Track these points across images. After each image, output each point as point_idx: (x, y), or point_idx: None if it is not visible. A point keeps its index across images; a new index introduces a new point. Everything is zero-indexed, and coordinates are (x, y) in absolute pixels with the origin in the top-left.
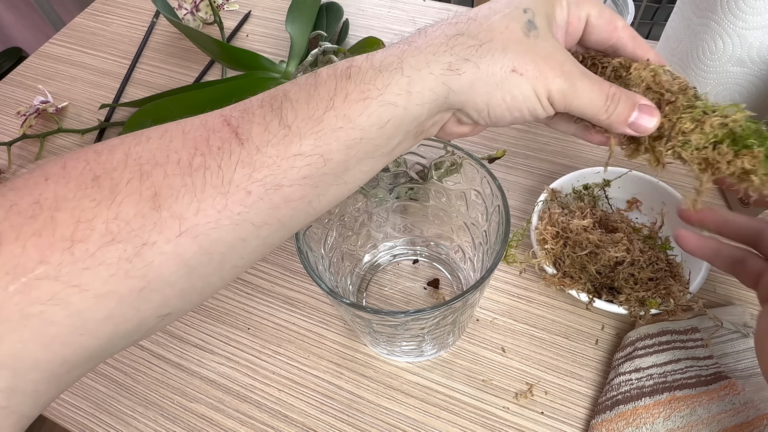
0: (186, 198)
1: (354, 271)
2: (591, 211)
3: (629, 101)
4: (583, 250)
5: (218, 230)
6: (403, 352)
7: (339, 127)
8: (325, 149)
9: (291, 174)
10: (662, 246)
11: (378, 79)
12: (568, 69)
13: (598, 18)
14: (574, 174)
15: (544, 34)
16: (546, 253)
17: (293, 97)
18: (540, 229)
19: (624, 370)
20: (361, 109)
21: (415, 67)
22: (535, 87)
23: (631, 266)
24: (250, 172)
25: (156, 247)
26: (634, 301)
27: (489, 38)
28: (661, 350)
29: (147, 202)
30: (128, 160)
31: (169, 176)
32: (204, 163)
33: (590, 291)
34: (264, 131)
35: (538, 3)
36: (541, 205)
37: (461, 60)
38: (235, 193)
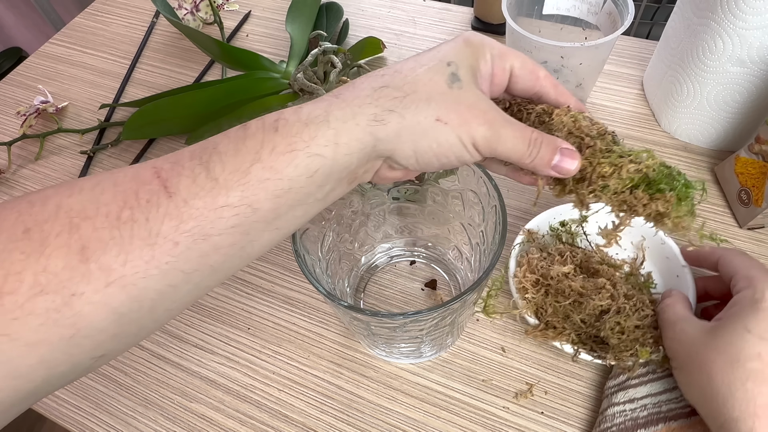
0: (114, 250)
1: (351, 273)
2: (571, 254)
3: (551, 145)
4: (566, 299)
5: (147, 279)
6: (401, 354)
7: (266, 179)
8: (253, 199)
9: (219, 224)
10: (645, 284)
11: (305, 132)
12: (492, 117)
13: (521, 69)
14: (550, 211)
15: (468, 85)
16: (527, 302)
17: (222, 150)
18: (519, 277)
19: (618, 400)
20: (288, 161)
21: (341, 119)
22: (460, 135)
23: (617, 314)
24: (177, 224)
25: (84, 298)
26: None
27: (413, 89)
28: (656, 379)
29: (75, 255)
30: (59, 212)
31: (98, 229)
32: (132, 216)
33: (575, 341)
34: (192, 184)
35: (462, 56)
36: (518, 248)
37: (386, 111)
38: (162, 245)
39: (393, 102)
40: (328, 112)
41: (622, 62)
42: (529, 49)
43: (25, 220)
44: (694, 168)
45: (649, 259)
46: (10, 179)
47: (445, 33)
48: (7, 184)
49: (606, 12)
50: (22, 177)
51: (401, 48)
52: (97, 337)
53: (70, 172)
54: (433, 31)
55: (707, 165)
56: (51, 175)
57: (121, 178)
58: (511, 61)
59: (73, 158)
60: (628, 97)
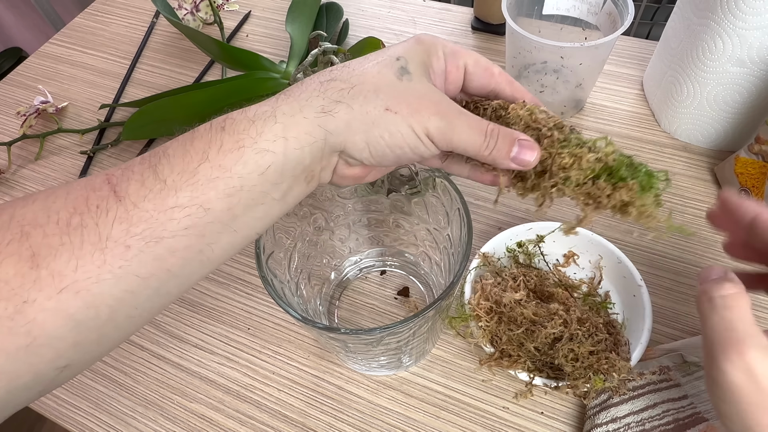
0: (64, 256)
1: (322, 290)
2: (525, 279)
3: (508, 137)
4: (519, 327)
5: (100, 284)
6: (381, 366)
7: (215, 177)
8: (203, 199)
9: (171, 226)
10: (603, 304)
11: (251, 128)
12: (444, 108)
13: (475, 66)
14: (507, 233)
15: (418, 78)
16: (482, 330)
17: (170, 153)
18: (473, 304)
19: (600, 421)
20: (236, 158)
21: (288, 113)
22: (412, 125)
23: (570, 341)
24: (127, 227)
25: (37, 304)
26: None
27: (360, 81)
28: (636, 396)
29: (26, 262)
30: (12, 221)
31: (48, 236)
32: (81, 221)
33: (531, 369)
34: (141, 187)
35: (412, 53)
36: (474, 273)
37: (333, 102)
38: (113, 248)
39: (340, 93)
40: (275, 107)
41: (622, 62)
42: (529, 49)
43: None
44: (694, 168)
45: (606, 278)
46: (10, 179)
47: (445, 33)
48: (7, 184)
49: (606, 12)
50: (22, 177)
51: None
52: (56, 345)
53: (70, 172)
54: (433, 31)
55: (707, 165)
56: (51, 175)
57: (74, 187)
58: (465, 59)
59: (73, 158)
60: (628, 97)
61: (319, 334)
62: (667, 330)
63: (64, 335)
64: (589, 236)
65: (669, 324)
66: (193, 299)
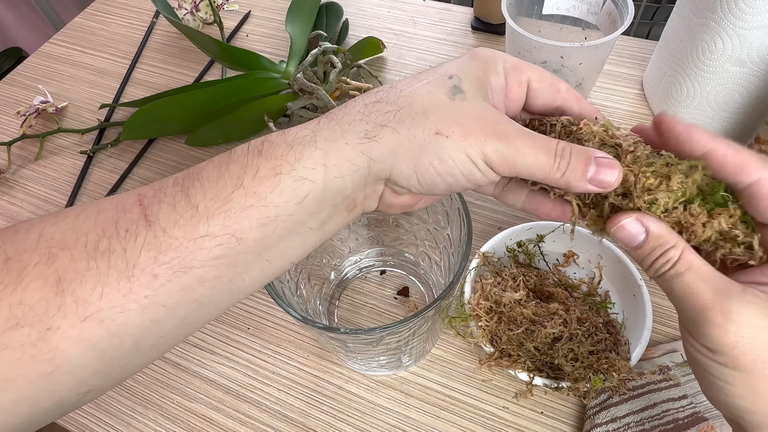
0: (90, 282)
1: (322, 290)
2: (524, 279)
3: (582, 155)
4: (519, 327)
5: (125, 314)
6: (380, 366)
7: (249, 205)
8: (236, 228)
9: (201, 255)
10: (603, 304)
11: (290, 154)
12: (503, 128)
13: (539, 82)
14: (506, 232)
15: (473, 96)
16: (482, 330)
17: (204, 176)
18: (473, 304)
19: (600, 420)
20: (272, 186)
21: (329, 138)
22: (466, 150)
23: (569, 341)
24: (155, 254)
25: (60, 332)
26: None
27: (408, 102)
28: (636, 396)
29: (52, 287)
30: (40, 240)
31: (75, 260)
32: (110, 246)
33: (530, 369)
34: (172, 212)
35: (467, 69)
36: (474, 272)
37: (378, 126)
38: (140, 277)
39: (385, 116)
40: (316, 131)
41: (622, 62)
42: (529, 49)
43: (7, 249)
44: None
45: (606, 278)
46: (10, 179)
47: (445, 33)
48: (7, 184)
49: (606, 12)
50: (22, 177)
51: (401, 48)
52: (79, 373)
53: (70, 172)
54: (433, 31)
55: None
56: (51, 175)
57: (106, 205)
58: (528, 74)
59: (73, 158)
60: (628, 97)
61: (318, 333)
62: (667, 330)
63: (87, 363)
64: (588, 236)
65: (669, 324)
66: None
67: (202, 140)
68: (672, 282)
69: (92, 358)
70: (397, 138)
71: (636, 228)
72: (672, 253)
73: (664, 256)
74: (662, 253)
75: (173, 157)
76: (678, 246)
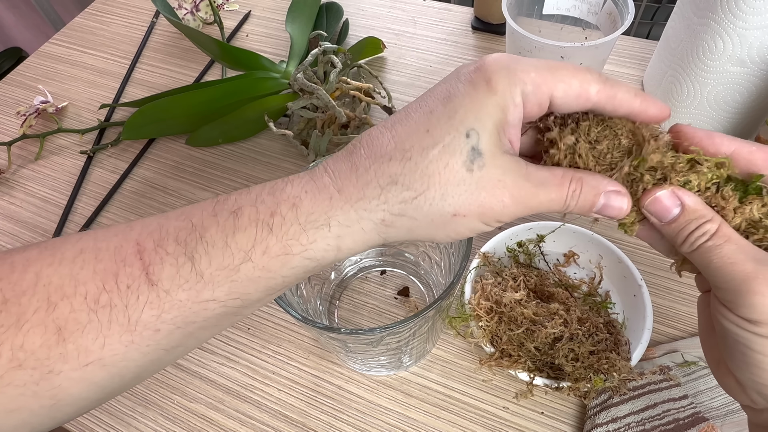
0: (92, 334)
1: (322, 290)
2: (525, 279)
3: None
4: (519, 327)
5: (126, 361)
6: (381, 366)
7: (257, 277)
8: (242, 293)
9: (204, 314)
10: (603, 305)
11: (302, 236)
12: (521, 194)
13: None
14: (507, 232)
15: (491, 158)
16: (483, 330)
17: (209, 240)
18: (473, 304)
19: (600, 420)
20: (282, 263)
21: (344, 223)
22: (483, 220)
23: (570, 341)
24: (158, 313)
25: (63, 375)
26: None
27: (425, 187)
28: (636, 396)
29: (53, 335)
30: (38, 284)
31: (76, 311)
32: (110, 301)
33: (531, 369)
34: (176, 274)
35: (484, 117)
36: (474, 272)
37: (395, 216)
38: (142, 332)
39: (403, 206)
40: (330, 215)
41: (622, 62)
42: (529, 48)
43: (4, 288)
44: None
45: (606, 278)
46: (10, 179)
47: (445, 33)
48: (7, 184)
49: (606, 12)
50: (22, 177)
51: (401, 48)
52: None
53: (70, 172)
54: (433, 31)
55: None
56: (51, 175)
57: (103, 252)
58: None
59: (73, 158)
60: None
61: (319, 333)
62: (667, 330)
63: (88, 396)
64: (589, 236)
65: (669, 324)
66: None
67: (202, 140)
68: (710, 254)
69: (93, 392)
70: (415, 222)
71: (671, 201)
72: (709, 226)
73: (700, 229)
74: (698, 225)
75: (173, 157)
76: (715, 220)
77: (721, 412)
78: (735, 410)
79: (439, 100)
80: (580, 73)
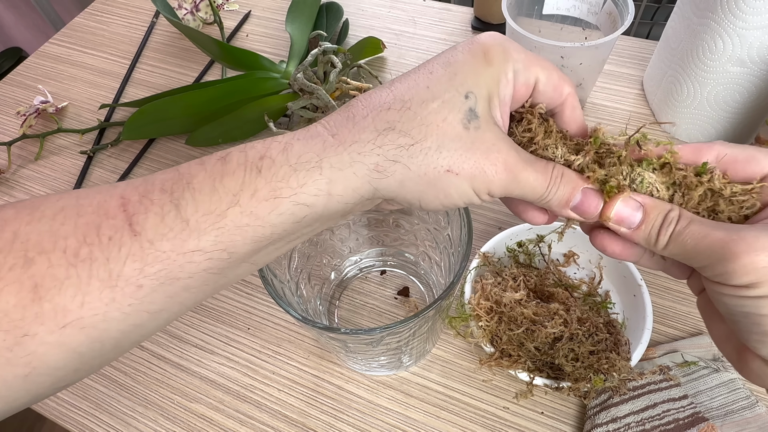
0: (70, 290)
1: (322, 290)
2: (525, 279)
3: (571, 183)
4: (519, 327)
5: (107, 322)
6: (381, 366)
7: (245, 224)
8: (229, 244)
9: (189, 268)
10: (603, 305)
11: (292, 178)
12: (512, 162)
13: (546, 85)
14: (507, 232)
15: (486, 122)
16: (483, 330)
17: (196, 186)
18: (473, 304)
19: (600, 421)
20: (271, 208)
21: (336, 166)
22: (474, 185)
23: (570, 341)
24: (141, 266)
25: (38, 338)
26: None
27: (423, 135)
28: (636, 396)
29: (28, 293)
30: (15, 241)
31: (54, 266)
32: (91, 254)
33: (531, 369)
34: (160, 223)
35: (482, 83)
36: (474, 272)
37: (390, 161)
38: (124, 287)
39: (398, 151)
40: (322, 157)
41: (622, 62)
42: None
43: None
44: None
45: (606, 278)
46: (10, 179)
47: (445, 33)
48: (7, 184)
49: (606, 12)
50: (22, 177)
51: (401, 48)
52: (56, 374)
53: (70, 172)
54: (433, 31)
55: None
56: (51, 175)
57: (86, 207)
58: (537, 74)
59: (73, 158)
60: (628, 97)
61: (319, 334)
62: (667, 330)
63: (65, 365)
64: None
65: (669, 324)
66: None
67: (202, 140)
68: (683, 237)
69: (70, 360)
70: (408, 173)
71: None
72: (673, 214)
73: (666, 219)
74: (664, 217)
75: (173, 157)
76: (675, 208)
77: (721, 412)
78: (735, 410)
79: (439, 65)
80: (557, 70)
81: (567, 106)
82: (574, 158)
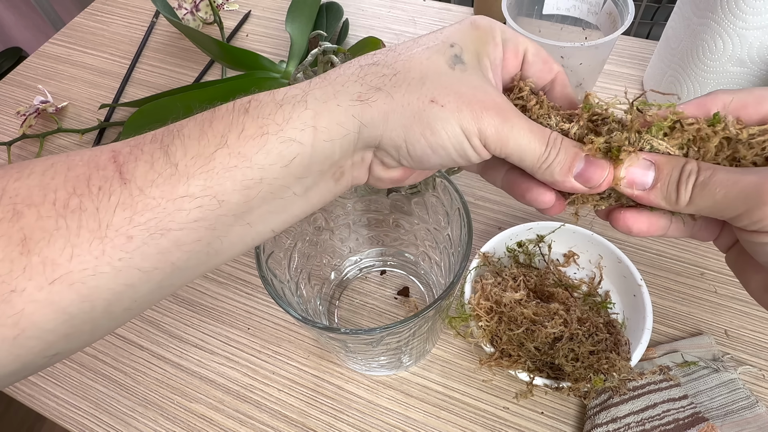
0: (59, 242)
1: (322, 290)
2: (525, 279)
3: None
4: (519, 327)
5: (97, 277)
6: (380, 366)
7: (233, 166)
8: (218, 189)
9: (179, 216)
10: (603, 305)
11: (278, 113)
12: (502, 104)
13: (534, 56)
14: (507, 232)
15: (473, 69)
16: (483, 330)
17: (186, 133)
18: (473, 304)
19: (600, 421)
20: (258, 146)
21: (320, 99)
22: (462, 123)
23: (570, 341)
24: (130, 215)
25: (26, 295)
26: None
27: (405, 67)
28: (636, 396)
29: (16, 246)
30: (4, 197)
31: (43, 218)
32: (80, 204)
33: (531, 369)
34: (150, 170)
35: (468, 39)
36: (474, 272)
37: (372, 89)
38: (114, 238)
39: (381, 79)
40: (307, 91)
41: (622, 62)
42: None
43: None
44: None
45: (606, 278)
46: None
47: None
48: None
49: (606, 12)
50: None
51: None
52: (46, 337)
53: None
54: None
55: None
56: None
57: (76, 161)
58: (525, 45)
59: None
60: (628, 97)
61: (319, 334)
62: (667, 330)
63: (55, 327)
64: (589, 236)
65: (669, 324)
66: (192, 299)
67: None
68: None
69: (61, 322)
70: (391, 103)
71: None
72: (689, 166)
73: (684, 172)
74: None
75: None
76: (691, 161)
77: (721, 412)
78: (735, 410)
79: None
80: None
81: (558, 83)
82: (569, 126)
